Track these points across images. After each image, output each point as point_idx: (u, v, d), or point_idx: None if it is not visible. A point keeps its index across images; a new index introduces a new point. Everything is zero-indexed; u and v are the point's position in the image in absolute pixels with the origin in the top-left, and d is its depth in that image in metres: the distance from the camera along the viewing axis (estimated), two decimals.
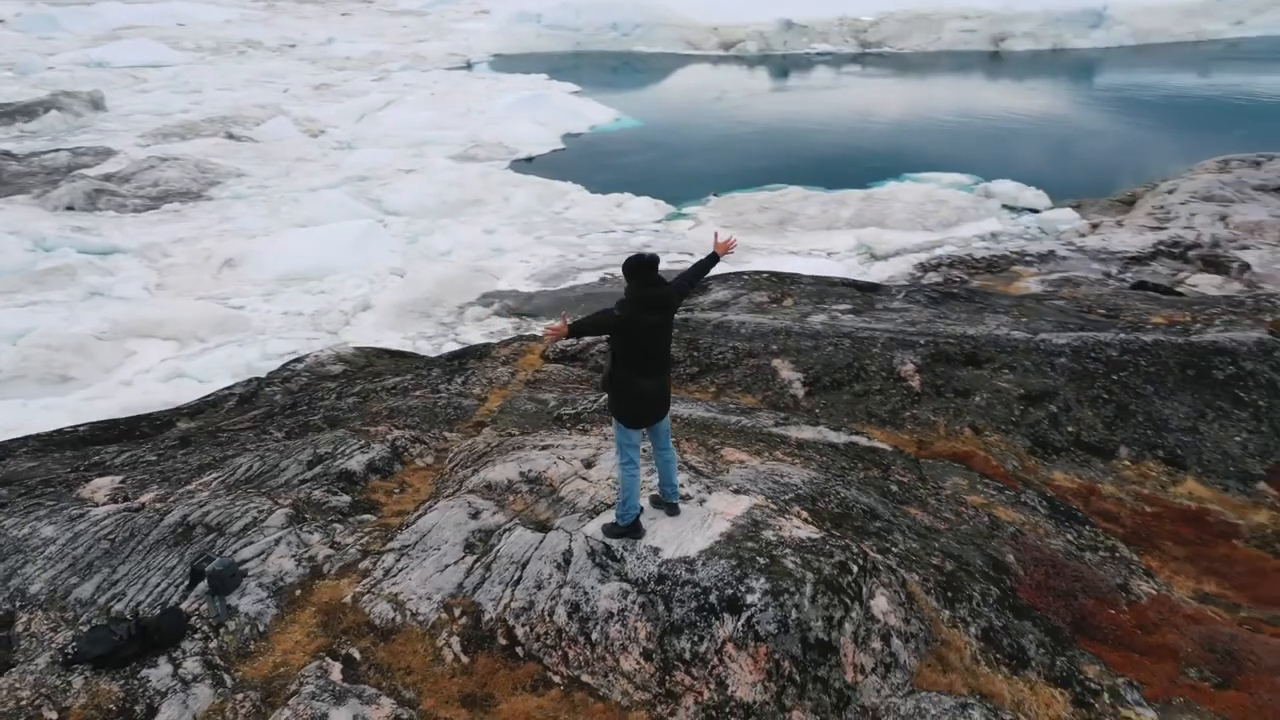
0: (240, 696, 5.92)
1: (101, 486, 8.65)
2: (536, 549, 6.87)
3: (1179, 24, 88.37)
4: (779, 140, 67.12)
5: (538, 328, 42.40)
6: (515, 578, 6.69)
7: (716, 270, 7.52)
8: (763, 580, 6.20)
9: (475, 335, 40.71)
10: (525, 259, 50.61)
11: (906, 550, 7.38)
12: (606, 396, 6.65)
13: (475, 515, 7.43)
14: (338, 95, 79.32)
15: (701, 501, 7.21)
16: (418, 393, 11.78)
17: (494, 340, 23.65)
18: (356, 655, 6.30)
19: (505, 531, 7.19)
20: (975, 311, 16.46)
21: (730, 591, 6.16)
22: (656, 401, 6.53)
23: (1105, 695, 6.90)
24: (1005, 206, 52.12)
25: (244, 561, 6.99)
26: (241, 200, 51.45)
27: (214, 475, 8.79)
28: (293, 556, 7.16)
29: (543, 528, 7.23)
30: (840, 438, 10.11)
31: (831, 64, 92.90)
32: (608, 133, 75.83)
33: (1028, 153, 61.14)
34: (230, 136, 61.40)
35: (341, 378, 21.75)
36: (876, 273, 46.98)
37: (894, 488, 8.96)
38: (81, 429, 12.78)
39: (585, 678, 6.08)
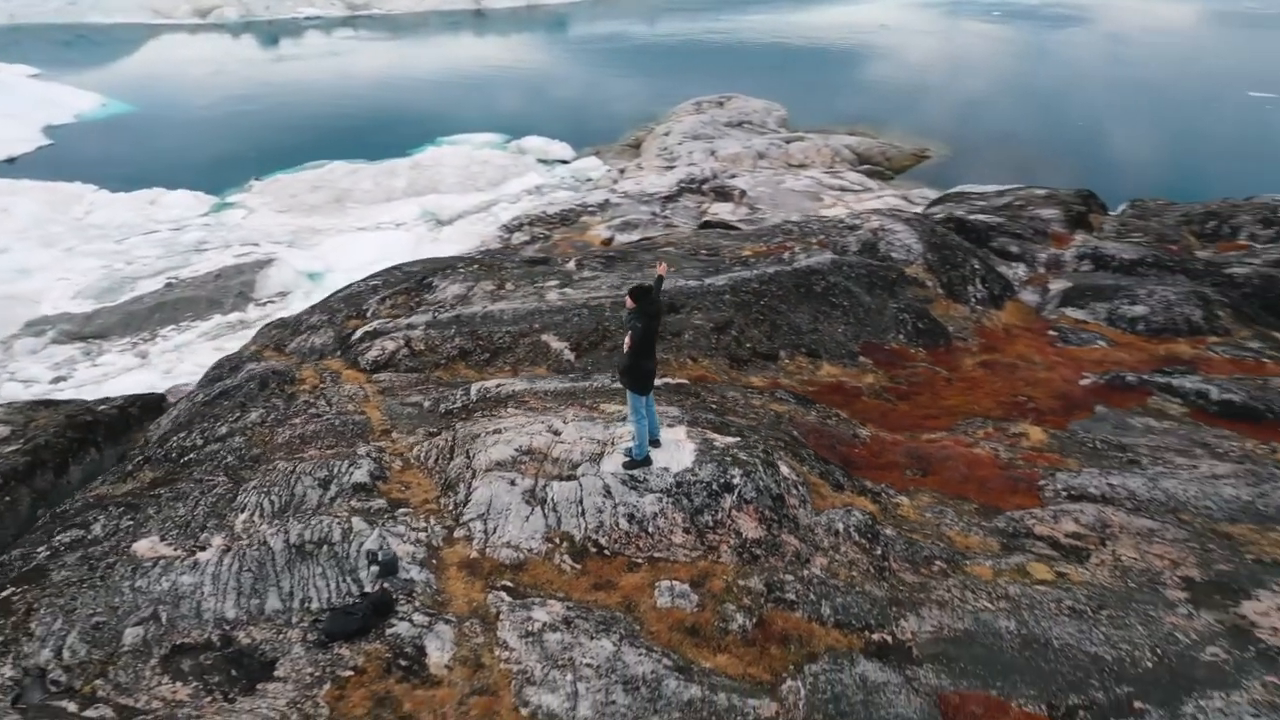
0: (467, 624, 8.89)
1: (150, 545, 10.19)
2: (582, 490, 10.42)
3: None
4: (303, 114, 67.16)
5: (117, 350, 40.42)
6: (580, 510, 10.20)
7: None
8: (737, 469, 10.48)
9: (39, 370, 38.02)
10: (63, 276, 47.02)
11: (759, 439, 12.01)
12: (626, 377, 10.33)
13: (513, 484, 10.66)
14: None
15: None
16: (297, 420, 13.83)
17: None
18: (510, 584, 9.48)
19: (544, 487, 10.57)
20: (636, 268, 21.44)
21: (723, 480, 10.37)
22: (654, 376, 10.41)
23: (881, 495, 12.19)
24: (540, 160, 58.42)
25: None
26: None
27: (244, 515, 10.72)
28: (405, 541, 9.89)
29: (566, 479, 10.72)
30: (657, 381, 14.42)
31: (323, 28, 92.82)
32: (100, 121, 69.97)
33: (541, 107, 68.03)
34: None
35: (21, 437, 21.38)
36: (448, 237, 51.07)
37: (714, 405, 13.56)
38: None
39: (656, 554, 9.93)
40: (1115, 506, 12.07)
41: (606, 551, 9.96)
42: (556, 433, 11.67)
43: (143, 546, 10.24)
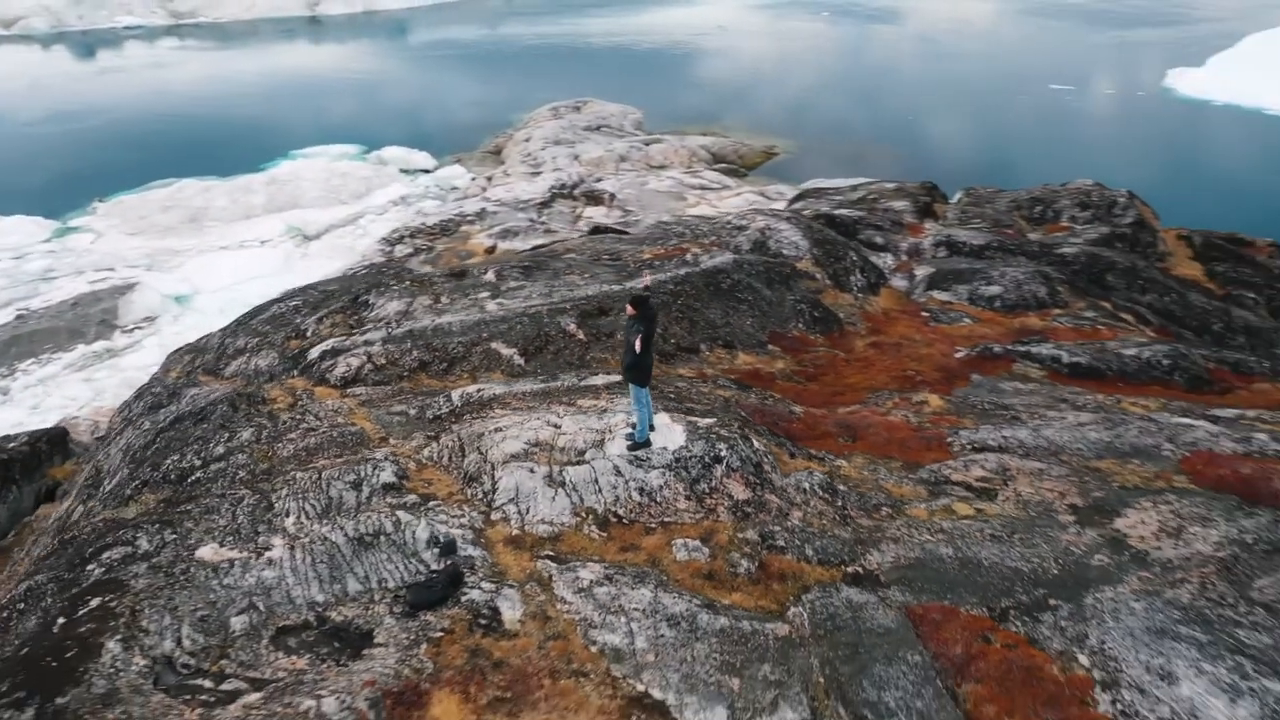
0: (527, 587, 10.72)
1: (214, 550, 11.48)
2: (595, 471, 12.35)
3: None
4: (138, 130, 65.38)
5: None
6: (597, 489, 12.15)
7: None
8: (722, 444, 12.67)
9: None
10: None
11: (730, 419, 14.23)
12: (631, 372, 12.30)
13: (532, 471, 12.48)
14: None
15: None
16: (293, 435, 15.12)
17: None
18: (552, 553, 11.35)
19: (561, 472, 12.46)
20: (554, 275, 23.32)
21: (713, 453, 12.54)
22: (652, 370, 12.46)
23: (825, 459, 14.62)
24: (403, 170, 59.00)
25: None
26: None
27: (290, 519, 12.11)
28: (450, 527, 11.58)
29: (578, 464, 12.61)
30: (612, 379, 16.44)
31: (145, 38, 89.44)
32: None
33: (395, 116, 68.35)
34: None
35: None
36: (317, 252, 51.30)
37: (672, 395, 15.69)
38: None
39: (666, 519, 12.00)
40: (1010, 454, 14.92)
41: (625, 520, 11.97)
42: (557, 426, 13.55)
43: (207, 552, 11.53)
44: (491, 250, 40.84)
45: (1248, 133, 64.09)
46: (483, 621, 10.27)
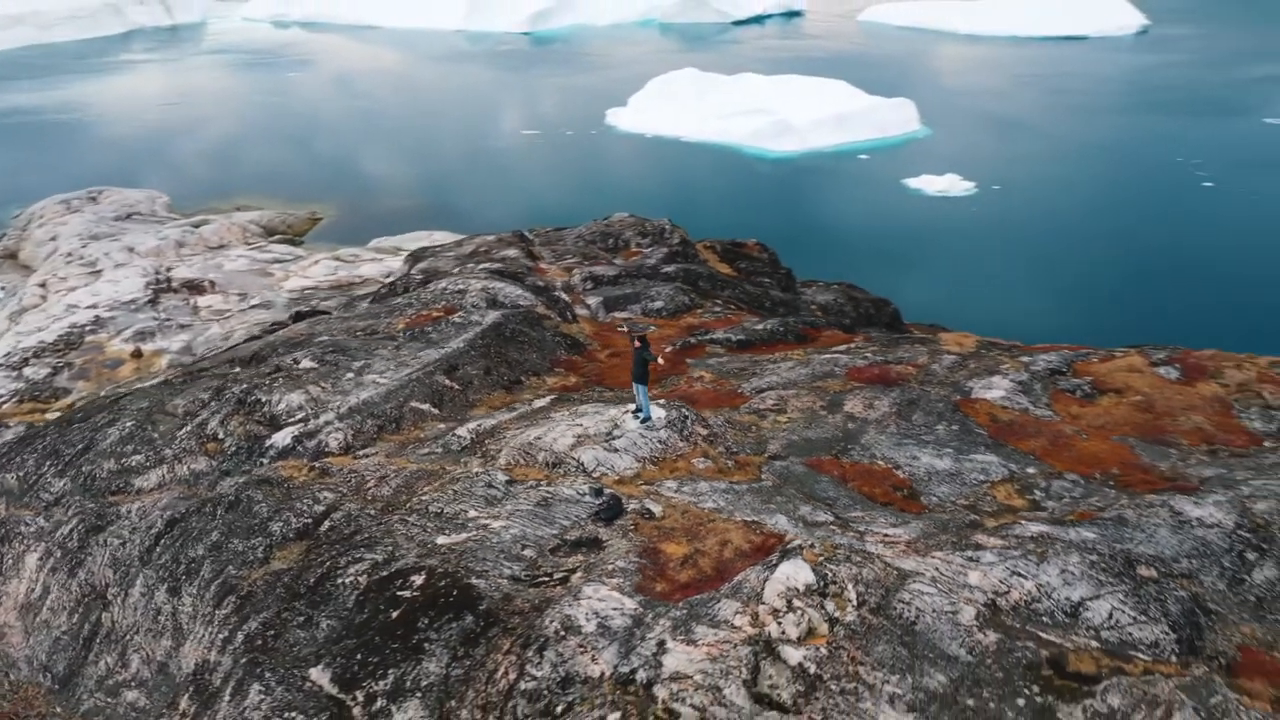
0: (650, 496, 21.19)
1: (445, 538, 19.99)
2: (630, 440, 22.88)
3: None
4: None
5: None
6: (638, 448, 22.74)
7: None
8: (685, 409, 24.03)
9: None
10: None
11: (668, 401, 25.46)
12: (643, 379, 22.90)
13: (594, 448, 22.59)
14: None
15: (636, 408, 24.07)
16: (369, 486, 22.94)
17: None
18: (645, 482, 21.87)
19: (611, 444, 22.76)
20: (369, 353, 31.80)
21: (683, 415, 23.85)
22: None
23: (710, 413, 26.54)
24: None
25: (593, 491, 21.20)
26: None
27: (471, 513, 20.84)
28: (593, 486, 21.46)
29: (614, 439, 23.03)
30: (550, 398, 26.49)
31: None
32: None
33: None
34: None
35: None
36: None
37: (578, 399, 26.34)
38: None
39: (678, 453, 23.06)
40: (776, 390, 28.10)
41: (660, 459, 22.79)
42: (580, 424, 23.61)
43: (444, 541, 20.03)
44: (138, 354, 44.81)
45: (671, 156, 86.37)
46: (646, 516, 20.61)
